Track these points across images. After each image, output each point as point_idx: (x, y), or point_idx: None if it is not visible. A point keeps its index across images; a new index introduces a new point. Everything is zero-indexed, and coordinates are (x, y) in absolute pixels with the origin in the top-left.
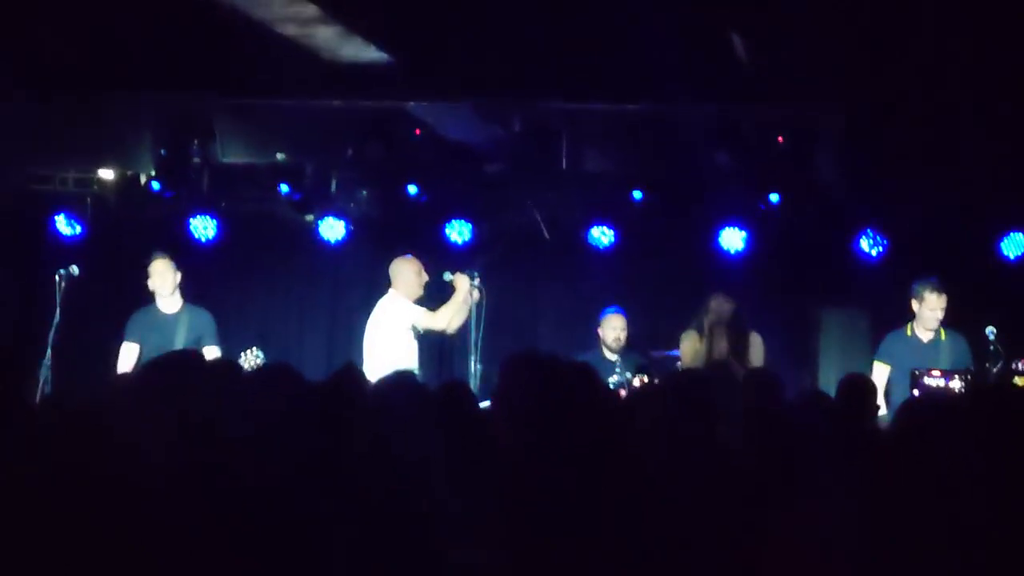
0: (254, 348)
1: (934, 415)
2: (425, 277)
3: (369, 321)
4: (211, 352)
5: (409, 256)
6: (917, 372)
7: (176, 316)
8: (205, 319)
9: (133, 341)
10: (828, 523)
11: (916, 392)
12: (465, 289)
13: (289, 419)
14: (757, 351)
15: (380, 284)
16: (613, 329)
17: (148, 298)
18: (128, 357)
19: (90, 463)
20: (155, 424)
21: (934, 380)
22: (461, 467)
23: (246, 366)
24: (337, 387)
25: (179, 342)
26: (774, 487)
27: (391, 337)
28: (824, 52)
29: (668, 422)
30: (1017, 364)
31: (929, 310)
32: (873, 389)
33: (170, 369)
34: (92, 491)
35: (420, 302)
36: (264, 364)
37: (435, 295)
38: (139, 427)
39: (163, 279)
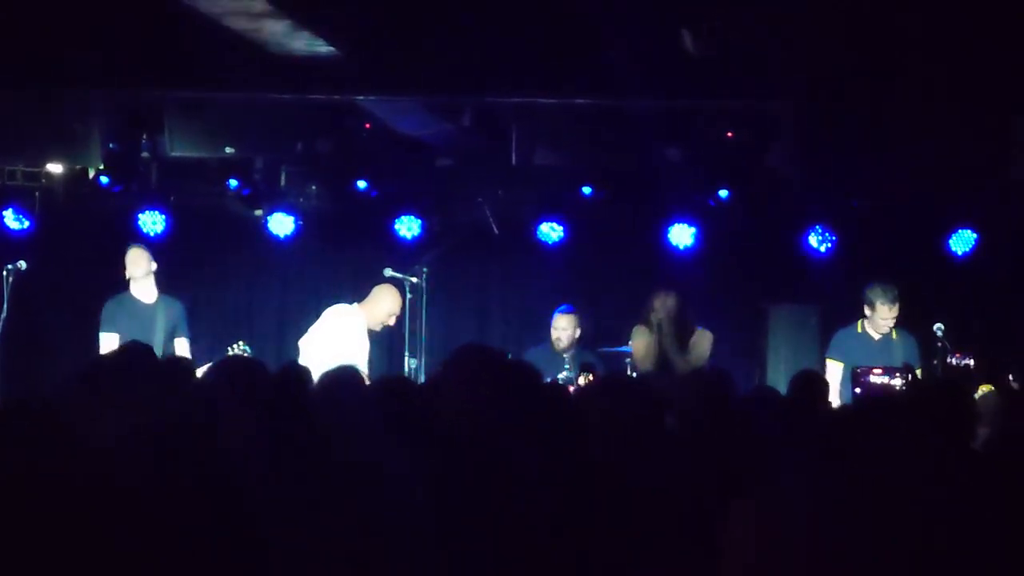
0: (240, 342)
1: (879, 411)
2: (392, 322)
3: (320, 323)
4: (181, 344)
5: (398, 292)
6: (859, 370)
7: (153, 306)
8: (178, 309)
9: (112, 331)
10: (780, 517)
11: (858, 390)
12: None
13: (240, 411)
14: (705, 345)
15: (329, 279)
16: (555, 329)
17: (120, 287)
18: (110, 348)
19: (45, 458)
20: (109, 417)
21: (876, 378)
22: (404, 457)
23: None
24: (282, 382)
25: (158, 331)
26: (724, 480)
27: (337, 345)
28: (774, 48)
29: (615, 415)
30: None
31: (881, 319)
32: (825, 385)
33: (123, 362)
34: (48, 487)
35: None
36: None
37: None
38: (93, 421)
39: (136, 264)
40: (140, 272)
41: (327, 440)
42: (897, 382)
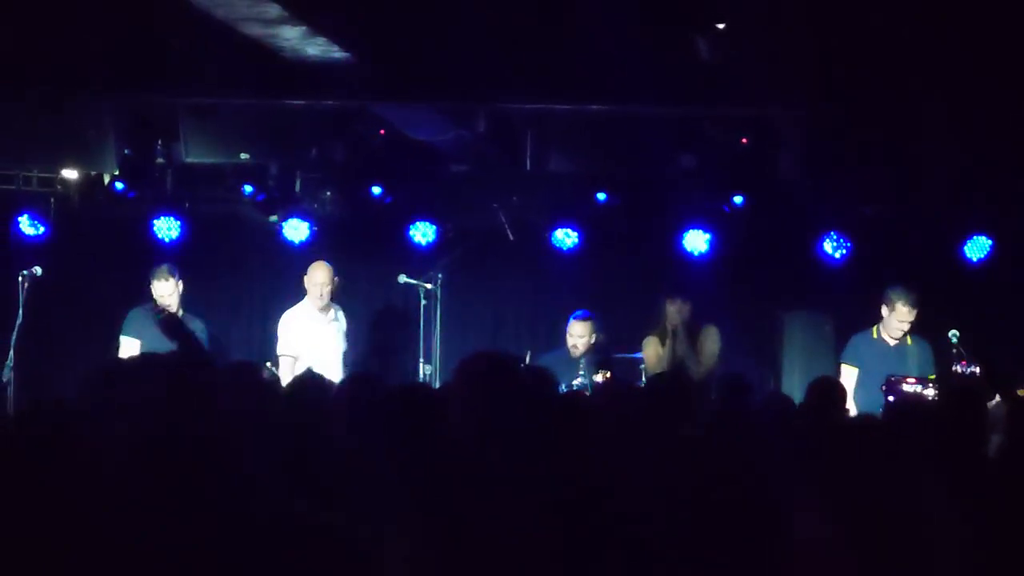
0: (267, 364)
1: (912, 418)
2: (325, 289)
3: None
4: None
5: (321, 262)
6: (893, 379)
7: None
8: (201, 329)
9: (134, 336)
10: (797, 528)
11: (891, 398)
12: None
13: (254, 418)
14: (714, 343)
15: (344, 286)
16: (571, 336)
17: (135, 293)
18: (130, 352)
19: (55, 464)
20: (119, 424)
21: (910, 387)
22: (412, 465)
23: None
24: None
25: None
26: (738, 487)
27: (283, 347)
28: (788, 54)
29: (629, 419)
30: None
31: (898, 320)
32: (842, 391)
33: (133, 370)
34: (57, 492)
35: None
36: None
37: (392, 299)
38: (103, 427)
39: (171, 300)
40: (176, 305)
41: (337, 448)
42: (930, 392)
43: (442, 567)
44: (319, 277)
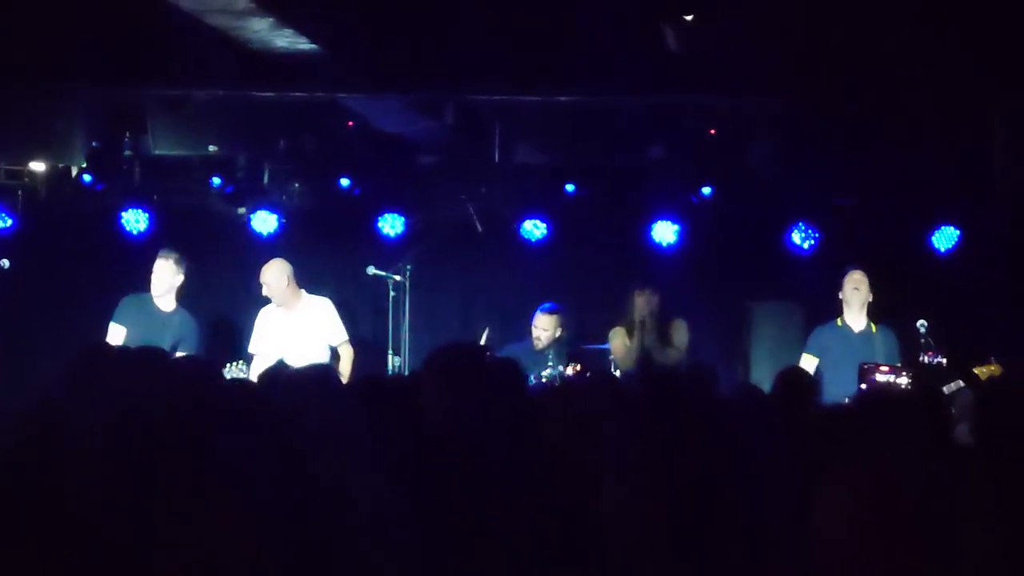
0: (240, 362)
1: (886, 408)
2: (267, 292)
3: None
4: None
5: (271, 261)
6: (866, 366)
7: (169, 315)
8: (191, 325)
9: (121, 324)
10: (771, 516)
11: (864, 386)
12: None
13: (211, 410)
14: (682, 337)
15: (312, 277)
16: (535, 328)
17: (104, 286)
18: (116, 338)
19: (31, 458)
20: (92, 416)
21: (883, 375)
22: (381, 456)
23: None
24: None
25: (165, 340)
26: (709, 477)
27: (271, 340)
28: (758, 46)
29: (595, 414)
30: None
31: (851, 286)
32: (811, 381)
33: (102, 362)
34: (32, 485)
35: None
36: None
37: (361, 291)
38: (77, 419)
39: (158, 279)
40: (163, 288)
41: (302, 440)
42: (903, 380)
43: (424, 558)
44: (261, 277)
